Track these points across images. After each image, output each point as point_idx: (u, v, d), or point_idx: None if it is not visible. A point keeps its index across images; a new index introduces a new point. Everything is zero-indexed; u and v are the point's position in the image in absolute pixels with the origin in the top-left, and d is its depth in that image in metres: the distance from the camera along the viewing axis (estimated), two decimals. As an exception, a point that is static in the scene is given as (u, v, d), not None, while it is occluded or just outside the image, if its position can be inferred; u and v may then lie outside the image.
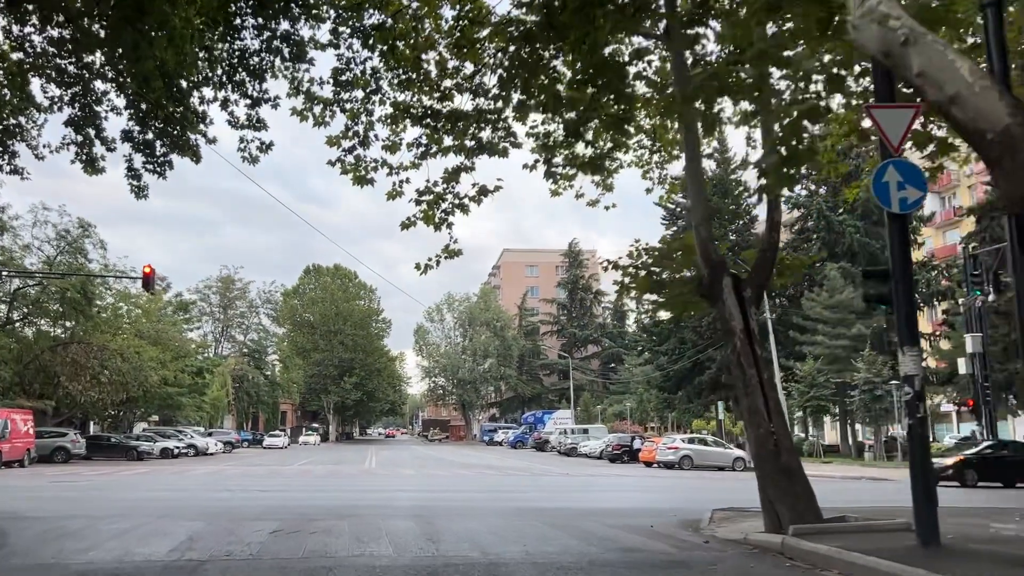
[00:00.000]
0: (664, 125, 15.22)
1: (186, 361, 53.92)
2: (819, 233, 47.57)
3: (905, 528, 9.78)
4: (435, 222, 13.77)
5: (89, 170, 14.21)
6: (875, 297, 8.93)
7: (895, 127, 8.33)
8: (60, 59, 13.04)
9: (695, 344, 53.68)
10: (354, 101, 13.39)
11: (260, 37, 12.97)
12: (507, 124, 13.59)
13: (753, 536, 10.09)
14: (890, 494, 20.71)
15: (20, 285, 39.55)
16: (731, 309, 10.80)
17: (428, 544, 9.78)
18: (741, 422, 56.12)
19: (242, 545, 9.35)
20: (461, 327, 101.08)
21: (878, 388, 38.76)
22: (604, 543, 10.04)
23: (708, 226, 11.43)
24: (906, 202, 8.31)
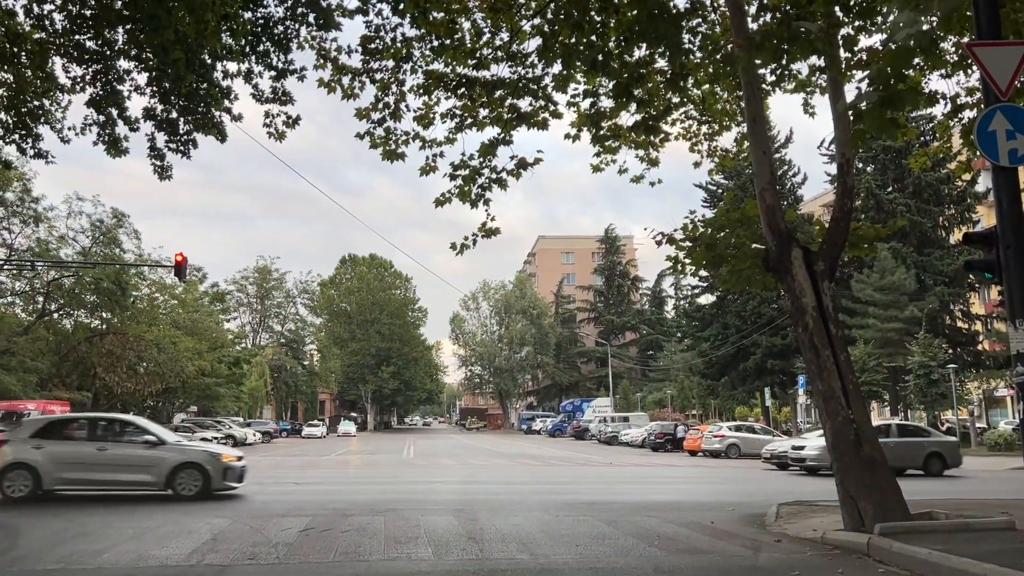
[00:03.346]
0: (714, 93, 14.23)
1: (223, 351, 53.86)
2: (868, 212, 45.78)
3: (1007, 527, 8.71)
4: (471, 199, 12.92)
5: (112, 152, 13.64)
6: (979, 265, 7.82)
7: (1003, 67, 7.19)
8: (81, 35, 12.42)
9: (739, 329, 52.26)
10: (384, 71, 12.56)
11: (284, 4, 12.21)
12: (547, 93, 12.71)
13: (832, 535, 9.08)
14: (961, 485, 19.50)
15: (55, 276, 39.54)
16: (802, 284, 9.77)
17: (471, 544, 8.94)
18: (787, 409, 54.92)
19: (268, 547, 8.59)
20: (497, 315, 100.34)
21: (934, 372, 37.11)
22: (666, 543, 9.10)
23: (774, 192, 10.38)
24: (1016, 153, 7.20)
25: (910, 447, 22.58)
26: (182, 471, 14.17)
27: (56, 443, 14.32)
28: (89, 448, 14.26)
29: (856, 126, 6.63)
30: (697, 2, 11.85)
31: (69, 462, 14.00)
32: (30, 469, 13.72)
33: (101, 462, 14.07)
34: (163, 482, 14.13)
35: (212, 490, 14.29)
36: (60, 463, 13.93)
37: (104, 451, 14.20)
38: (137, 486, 14.29)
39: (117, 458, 14.19)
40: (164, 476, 14.10)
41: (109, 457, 14.14)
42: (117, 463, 14.16)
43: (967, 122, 11.84)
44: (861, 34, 11.20)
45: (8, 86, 12.76)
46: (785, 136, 56.09)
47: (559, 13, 10.59)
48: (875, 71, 6.12)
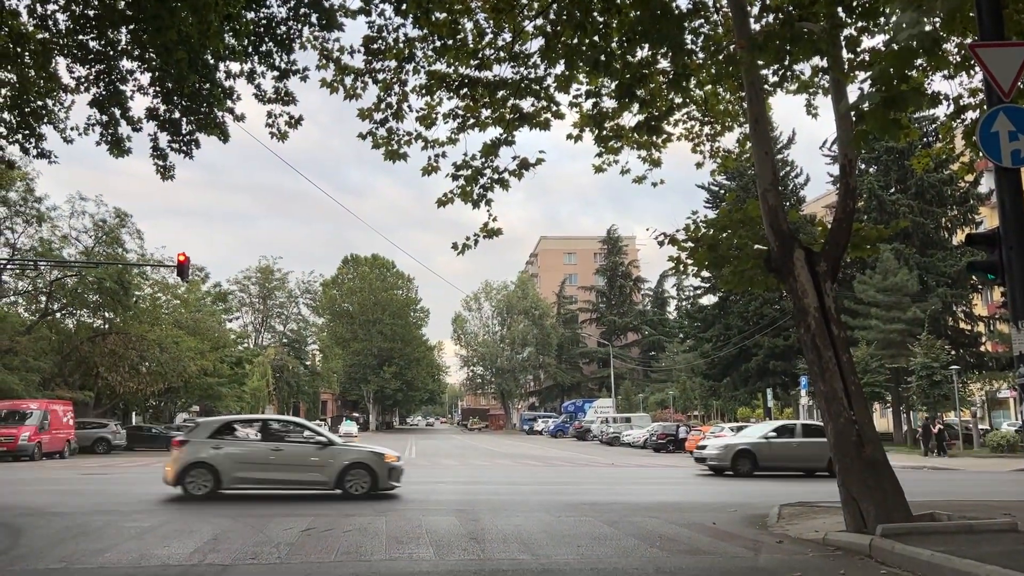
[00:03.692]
0: (716, 94, 14.23)
1: (225, 351, 53.88)
2: (870, 214, 45.68)
3: (1011, 528, 8.70)
4: (473, 199, 12.93)
5: (115, 152, 13.66)
6: (982, 266, 7.80)
7: (1006, 68, 7.18)
8: (84, 35, 12.44)
9: (741, 330, 52.21)
10: (387, 71, 12.57)
11: (287, 5, 12.23)
12: (549, 93, 12.71)
13: (834, 536, 9.07)
14: (964, 486, 19.47)
15: (58, 276, 39.58)
16: (804, 285, 9.76)
17: (472, 545, 8.94)
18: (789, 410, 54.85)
19: (270, 546, 8.59)
20: (499, 316, 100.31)
21: (936, 373, 37.04)
22: (667, 544, 9.10)
23: (776, 193, 10.37)
24: (1019, 155, 7.18)
25: (815, 447, 21.68)
26: (351, 471, 14.58)
27: (233, 443, 14.94)
28: (264, 448, 14.78)
29: (858, 127, 6.62)
30: (699, 3, 11.86)
31: (246, 461, 14.50)
32: (210, 468, 14.19)
33: (275, 462, 14.54)
34: (333, 481, 14.55)
35: (379, 489, 14.67)
36: (238, 462, 14.44)
37: (278, 451, 14.71)
38: (309, 485, 14.77)
39: (290, 458, 14.67)
40: (335, 476, 14.52)
41: (283, 457, 14.64)
42: (290, 463, 14.63)
43: (970, 123, 11.81)
44: (864, 35, 11.19)
45: (11, 86, 12.78)
46: (787, 137, 56.20)
47: (562, 14, 10.60)
48: (877, 72, 6.12)
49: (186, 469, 14.17)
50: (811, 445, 22.01)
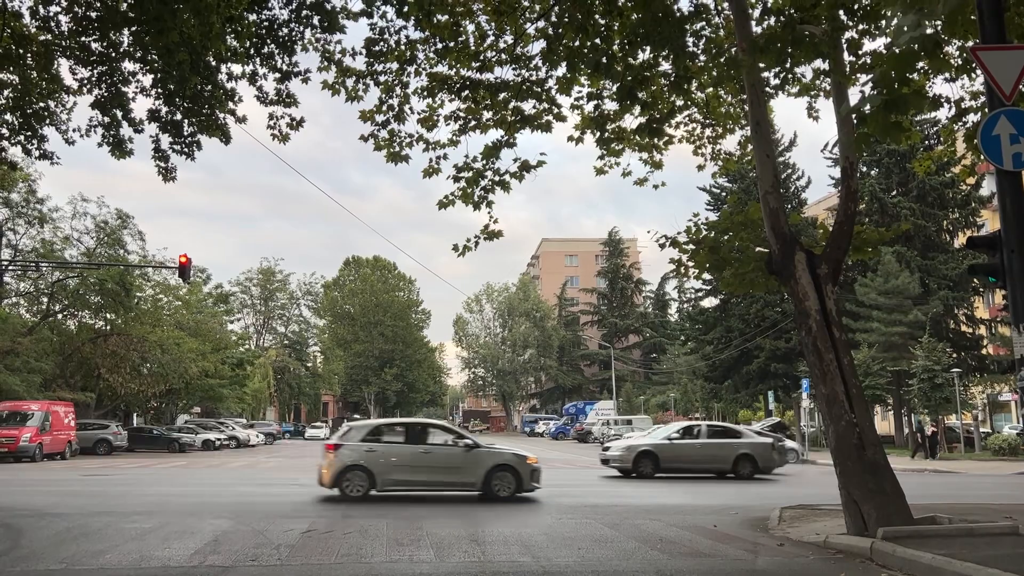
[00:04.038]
0: (717, 96, 14.25)
1: (226, 353, 53.92)
2: (872, 216, 45.65)
3: (1012, 532, 8.69)
4: (474, 201, 12.95)
5: (116, 153, 13.68)
6: (983, 269, 7.80)
7: (1007, 72, 7.18)
8: (86, 37, 12.46)
9: (743, 332, 52.15)
10: (388, 73, 12.58)
11: (289, 7, 12.22)
12: (551, 96, 12.73)
13: (835, 539, 9.06)
14: (965, 489, 19.44)
15: (60, 277, 39.62)
16: (805, 288, 9.77)
17: (473, 547, 8.93)
18: (790, 412, 54.80)
19: (270, 548, 8.59)
20: (500, 318, 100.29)
21: (938, 376, 37.00)
22: (668, 547, 9.09)
23: (777, 195, 10.38)
24: (1020, 158, 7.18)
25: (720, 449, 21.67)
26: (497, 473, 14.89)
27: (385, 446, 15.19)
28: (413, 451, 15.13)
29: (860, 130, 6.62)
30: (701, 5, 11.84)
31: (398, 464, 14.90)
32: (366, 471, 14.59)
33: (424, 465, 14.95)
34: (480, 483, 14.91)
35: (523, 491, 14.94)
36: (390, 465, 14.84)
37: (428, 454, 15.11)
38: (456, 487, 15.15)
39: (438, 460, 15.09)
40: (481, 478, 14.88)
41: (431, 460, 15.04)
42: (438, 465, 15.05)
43: (971, 126, 11.82)
44: (865, 38, 11.21)
45: (14, 87, 12.80)
46: (789, 139, 56.05)
47: (563, 16, 10.61)
48: (879, 75, 6.12)
49: (343, 472, 14.54)
50: (716, 446, 21.83)
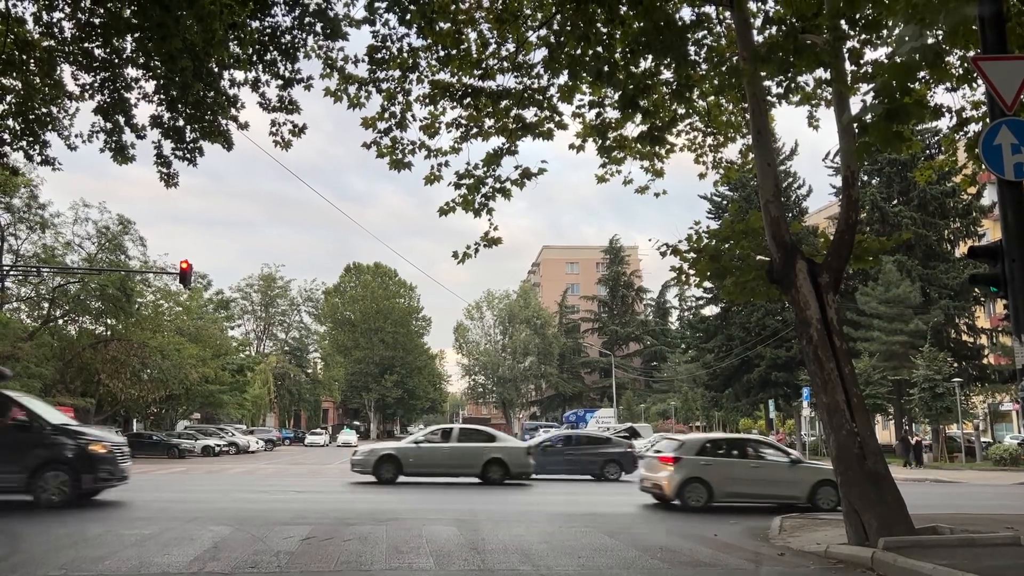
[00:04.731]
0: (719, 105, 14.28)
1: (227, 359, 53.89)
2: (873, 225, 45.70)
3: (1013, 542, 8.66)
4: (475, 208, 12.97)
5: (119, 159, 13.71)
6: (984, 279, 7.80)
7: (1008, 82, 7.20)
8: (89, 43, 12.50)
9: (743, 341, 52.12)
10: (390, 80, 12.61)
11: (292, 14, 12.27)
12: (552, 103, 12.75)
13: (835, 548, 9.04)
14: (966, 499, 19.39)
15: (61, 282, 39.64)
16: (806, 296, 9.76)
17: (473, 555, 8.91)
18: (791, 421, 54.72)
19: (270, 555, 8.56)
20: (501, 325, 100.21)
21: (939, 386, 36.97)
22: (668, 555, 9.07)
23: (778, 204, 10.38)
24: (1022, 168, 7.19)
25: (470, 452, 21.42)
26: (821, 488, 15.55)
27: (720, 460, 16.00)
28: (746, 465, 16.00)
29: (861, 139, 6.63)
30: (703, 14, 11.89)
31: (732, 477, 15.64)
32: (704, 483, 15.33)
33: (754, 478, 15.77)
34: (806, 496, 15.66)
35: None
36: (726, 478, 15.55)
37: (757, 468, 15.96)
38: (783, 499, 15.59)
39: (766, 474, 15.92)
40: (807, 491, 15.68)
41: (760, 474, 15.89)
42: (767, 479, 15.87)
43: (972, 136, 11.84)
44: (866, 47, 11.23)
45: (16, 93, 12.82)
46: (790, 148, 56.24)
47: (565, 24, 10.63)
48: (880, 84, 6.13)
49: (684, 484, 15.23)
50: (466, 450, 21.40)
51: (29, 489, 13.07)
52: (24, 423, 13.61)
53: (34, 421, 13.78)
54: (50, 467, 13.28)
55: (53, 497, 13.09)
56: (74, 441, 13.76)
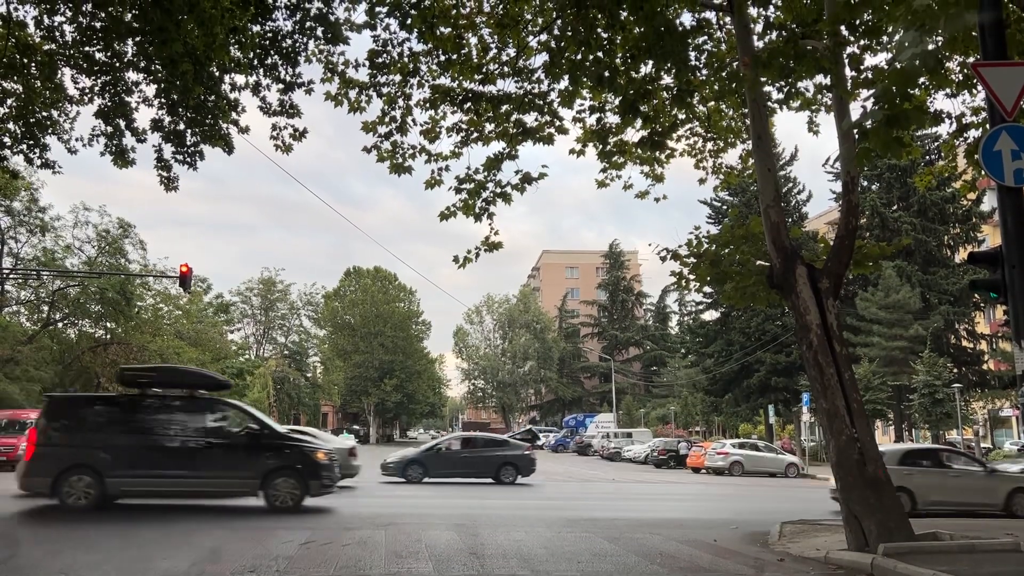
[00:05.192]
0: (719, 110, 14.30)
1: (226, 362, 53.85)
2: (872, 231, 45.71)
3: (1013, 548, 8.65)
4: (475, 212, 12.99)
5: (119, 162, 13.74)
6: (984, 285, 7.79)
7: (1008, 88, 7.20)
8: (90, 46, 12.52)
9: (743, 346, 52.07)
10: (391, 85, 12.63)
11: (293, 18, 12.29)
12: (553, 108, 12.77)
13: (835, 554, 9.02)
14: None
15: (61, 286, 39.62)
16: (806, 302, 9.76)
17: (472, 560, 8.89)
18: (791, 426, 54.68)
19: (268, 560, 8.54)
20: (501, 329, 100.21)
21: (939, 391, 36.94)
22: (668, 561, 9.05)
23: (778, 209, 10.39)
24: (1022, 174, 7.19)
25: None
26: (1017, 495, 16.18)
27: (921, 470, 16.54)
28: (944, 474, 16.54)
29: (861, 144, 6.64)
30: (703, 20, 11.93)
31: (933, 486, 16.20)
32: (908, 493, 15.61)
33: (954, 487, 16.38)
34: (1001, 505, 16.41)
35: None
36: (929, 487, 16.14)
37: (957, 478, 16.58)
38: (979, 507, 16.21)
39: (964, 484, 16.57)
40: (1002, 500, 16.39)
41: (959, 483, 16.50)
42: (965, 488, 16.48)
43: (972, 142, 11.86)
44: (867, 53, 11.26)
45: (17, 96, 12.85)
46: (790, 153, 56.14)
47: (566, 29, 10.65)
48: (880, 90, 6.14)
49: None
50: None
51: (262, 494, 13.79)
52: (256, 431, 14.29)
53: (264, 429, 14.53)
54: (280, 473, 13.88)
55: (285, 502, 13.76)
56: (300, 448, 14.44)
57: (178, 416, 14.16)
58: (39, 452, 13.32)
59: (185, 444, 13.75)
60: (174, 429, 13.93)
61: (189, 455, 13.63)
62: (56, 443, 13.44)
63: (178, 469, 13.54)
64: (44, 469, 13.13)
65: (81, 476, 13.05)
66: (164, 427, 13.93)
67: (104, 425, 14.02)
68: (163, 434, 13.81)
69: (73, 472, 13.05)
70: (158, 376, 15.07)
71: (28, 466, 13.29)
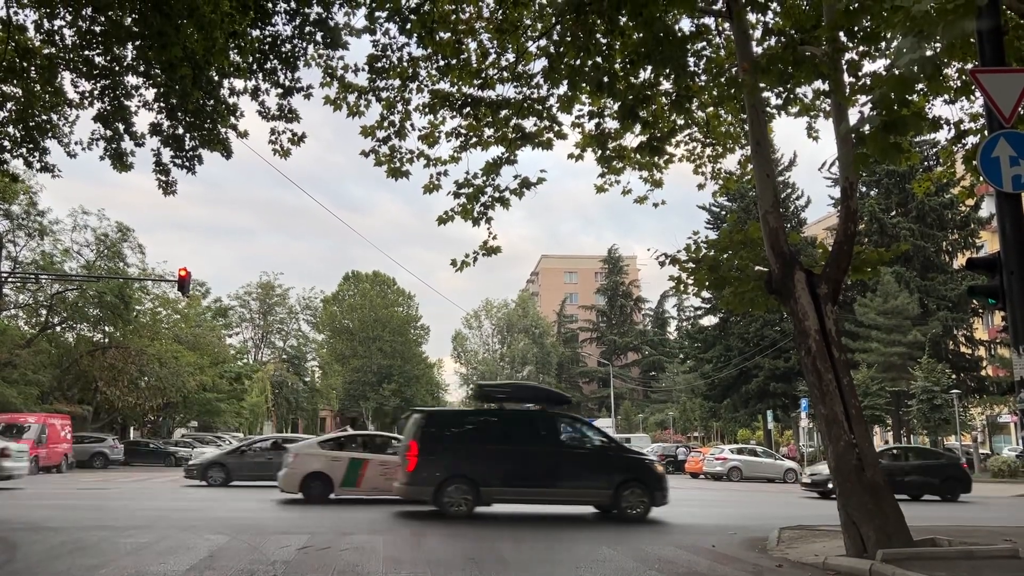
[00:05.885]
0: (718, 116, 14.32)
1: (225, 367, 53.78)
2: (871, 236, 45.77)
3: (1012, 555, 8.64)
4: (473, 217, 12.99)
5: (118, 166, 13.72)
6: (983, 291, 7.80)
7: (1007, 94, 7.22)
8: (90, 50, 12.53)
9: (742, 351, 52.10)
10: (390, 89, 12.64)
11: (292, 23, 12.30)
12: (552, 113, 12.78)
13: (833, 560, 9.00)
14: (964, 511, 19.34)
15: (59, 289, 39.59)
16: (805, 307, 9.75)
17: (470, 566, 8.86)
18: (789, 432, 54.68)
19: (266, 564, 8.52)
20: (499, 334, 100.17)
21: (937, 397, 36.96)
22: (666, 566, 9.03)
23: (777, 215, 10.39)
24: (1020, 180, 7.20)
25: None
26: None
27: None
28: None
29: (859, 150, 6.65)
30: (702, 26, 11.95)
31: None
32: None
33: None
34: None
35: None
36: None
37: None
38: None
39: None
40: None
41: None
42: None
43: (970, 148, 11.87)
44: (865, 59, 11.27)
45: (17, 100, 12.85)
46: (789, 159, 56.33)
47: (565, 35, 10.66)
48: (878, 96, 6.15)
49: None
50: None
51: (613, 503, 14.66)
52: (605, 444, 15.58)
53: (611, 442, 15.90)
54: (630, 485, 14.76)
55: (636, 511, 14.60)
56: (644, 462, 15.74)
57: (536, 429, 15.16)
58: (421, 463, 14.18)
59: (546, 455, 14.64)
60: (534, 441, 14.91)
61: (550, 466, 14.54)
62: (436, 455, 14.33)
63: (542, 479, 14.47)
64: (427, 479, 14.11)
65: (459, 485, 14.05)
66: (526, 439, 14.93)
67: (475, 438, 15.07)
68: (526, 446, 14.79)
69: (452, 482, 14.06)
70: (512, 392, 16.82)
71: (412, 476, 14.22)
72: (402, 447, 15.25)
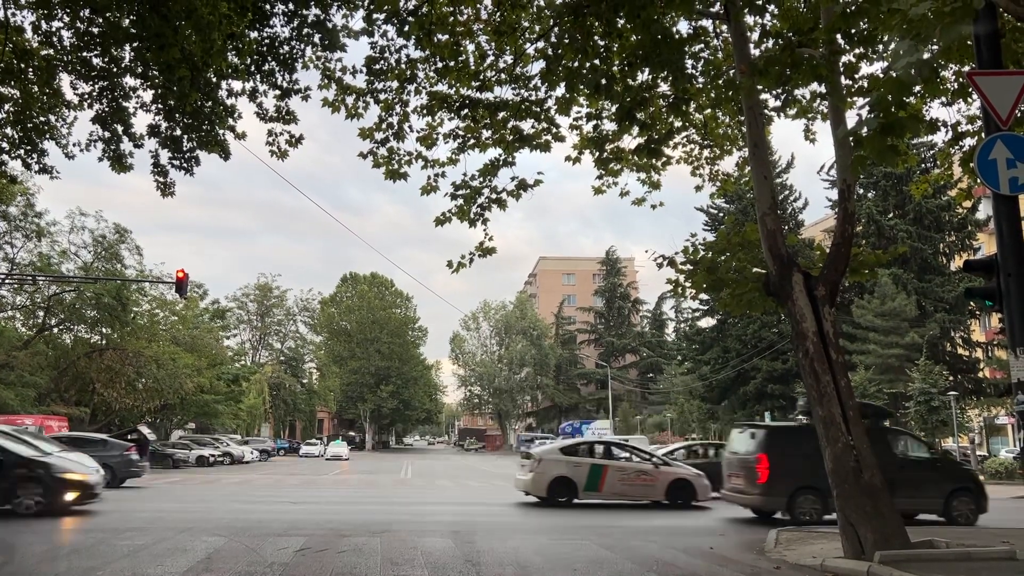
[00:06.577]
0: (715, 118, 14.34)
1: (222, 368, 53.72)
2: (869, 238, 45.83)
3: (1009, 556, 8.64)
4: (470, 218, 12.97)
5: (116, 167, 13.70)
6: (980, 293, 7.82)
7: (1003, 97, 7.24)
8: (88, 52, 12.51)
9: (739, 353, 52.13)
10: (388, 91, 12.63)
11: (290, 25, 12.30)
12: (550, 115, 12.79)
13: (831, 562, 9.01)
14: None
15: (56, 291, 39.54)
16: (802, 309, 9.76)
17: (468, 567, 8.86)
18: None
19: (263, 566, 8.52)
20: (497, 336, 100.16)
21: (935, 399, 36.98)
22: (664, 568, 9.03)
23: (775, 217, 10.40)
24: (1017, 182, 7.23)
25: None
26: None
27: None
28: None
29: (857, 152, 6.66)
30: (700, 28, 11.97)
31: None
32: None
33: None
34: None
35: None
36: None
37: None
38: None
39: None
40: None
41: None
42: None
43: (968, 150, 11.89)
44: (862, 61, 11.30)
45: (15, 101, 12.82)
46: (786, 161, 56.32)
47: (563, 37, 10.67)
48: (876, 98, 6.15)
49: None
50: None
51: (944, 511, 15.35)
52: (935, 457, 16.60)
53: (936, 454, 16.90)
54: (958, 494, 15.57)
55: (967, 519, 15.37)
56: (971, 473, 16.69)
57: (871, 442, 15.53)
58: (773, 474, 14.81)
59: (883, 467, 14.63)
60: None
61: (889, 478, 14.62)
62: (786, 466, 14.78)
63: None
64: (781, 489, 14.77)
65: (807, 496, 14.70)
66: None
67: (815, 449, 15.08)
68: None
69: (802, 492, 14.72)
70: None
71: (765, 487, 14.85)
72: (743, 460, 15.81)
